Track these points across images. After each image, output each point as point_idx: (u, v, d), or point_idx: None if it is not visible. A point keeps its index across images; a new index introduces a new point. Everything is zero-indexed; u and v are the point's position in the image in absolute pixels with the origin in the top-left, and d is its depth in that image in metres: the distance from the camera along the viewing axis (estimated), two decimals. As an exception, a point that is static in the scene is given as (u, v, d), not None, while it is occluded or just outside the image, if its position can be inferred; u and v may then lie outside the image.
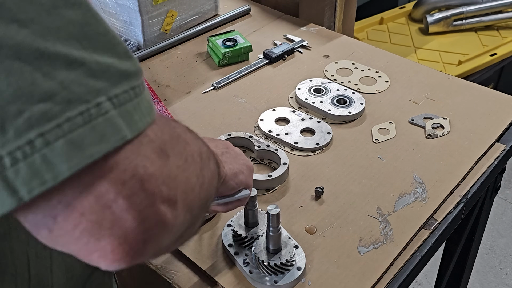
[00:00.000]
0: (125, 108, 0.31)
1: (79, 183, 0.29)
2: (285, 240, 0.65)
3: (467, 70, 1.76)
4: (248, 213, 0.67)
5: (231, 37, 1.08)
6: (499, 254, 1.76)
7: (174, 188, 0.34)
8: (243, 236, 0.67)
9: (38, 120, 0.27)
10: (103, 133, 0.29)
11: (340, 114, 0.90)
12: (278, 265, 0.63)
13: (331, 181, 0.78)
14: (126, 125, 0.30)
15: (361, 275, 0.65)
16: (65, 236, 0.30)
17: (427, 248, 0.69)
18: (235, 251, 0.67)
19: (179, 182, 0.34)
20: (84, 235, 0.30)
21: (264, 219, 0.67)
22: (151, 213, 0.31)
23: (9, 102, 0.27)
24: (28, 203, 0.28)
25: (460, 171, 0.79)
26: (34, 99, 0.27)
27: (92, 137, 0.29)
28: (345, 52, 1.08)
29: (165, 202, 0.32)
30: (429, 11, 2.00)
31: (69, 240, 0.30)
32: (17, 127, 0.27)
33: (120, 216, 0.30)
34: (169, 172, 0.33)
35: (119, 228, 0.30)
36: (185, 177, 0.35)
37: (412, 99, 0.94)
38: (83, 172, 0.29)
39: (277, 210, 0.60)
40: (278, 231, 0.62)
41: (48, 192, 0.28)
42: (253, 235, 0.67)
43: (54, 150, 0.28)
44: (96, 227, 0.30)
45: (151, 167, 0.32)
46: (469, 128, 0.87)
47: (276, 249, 0.64)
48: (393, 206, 0.73)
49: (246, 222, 0.68)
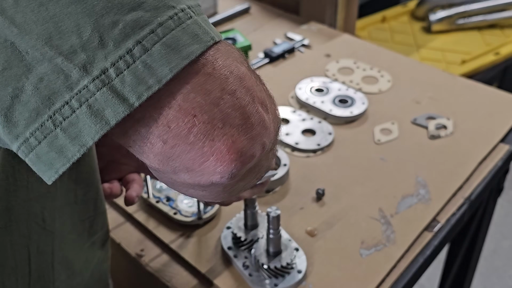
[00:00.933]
0: (203, 17, 0.32)
1: (185, 84, 0.30)
2: (285, 243, 0.63)
3: (470, 69, 1.75)
4: (247, 215, 0.66)
5: (230, 35, 1.07)
6: (503, 257, 1.75)
7: (262, 92, 0.34)
8: (242, 238, 0.66)
9: (133, 28, 0.28)
10: (194, 33, 0.30)
11: (342, 114, 0.89)
12: (279, 268, 0.62)
13: (333, 183, 0.77)
14: (210, 29, 0.31)
15: (363, 278, 0.64)
16: (179, 145, 0.30)
17: (430, 250, 0.68)
18: (234, 253, 0.65)
19: (262, 90, 0.35)
20: (198, 138, 0.30)
21: (264, 221, 0.66)
22: (253, 111, 0.32)
23: (102, 15, 0.28)
24: (140, 117, 0.29)
25: (464, 172, 0.78)
26: (125, 9, 0.28)
27: (186, 38, 0.29)
28: (346, 51, 1.07)
29: (260, 102, 0.33)
30: (432, 9, 1.99)
31: (184, 149, 0.30)
32: (114, 38, 0.28)
33: (228, 113, 0.30)
34: (256, 76, 0.34)
35: (230, 125, 0.31)
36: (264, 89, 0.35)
37: (414, 99, 0.93)
38: (185, 72, 0.29)
39: (277, 212, 0.59)
40: (278, 233, 0.61)
41: (157, 99, 0.29)
42: (253, 238, 0.66)
43: (152, 55, 0.29)
44: (209, 127, 0.30)
45: (242, 67, 0.32)
46: (473, 128, 0.86)
47: (276, 252, 0.62)
48: (395, 208, 0.72)
49: (246, 224, 0.67)
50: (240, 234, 0.66)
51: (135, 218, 0.72)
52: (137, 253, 0.68)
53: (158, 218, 0.72)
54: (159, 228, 0.71)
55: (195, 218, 0.70)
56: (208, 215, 0.70)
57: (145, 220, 0.72)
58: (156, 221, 0.72)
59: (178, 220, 0.70)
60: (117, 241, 0.70)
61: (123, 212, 0.74)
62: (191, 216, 0.70)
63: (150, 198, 0.73)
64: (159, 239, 0.70)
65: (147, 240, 0.70)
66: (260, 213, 0.67)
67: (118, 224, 0.72)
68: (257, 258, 0.62)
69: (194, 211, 0.71)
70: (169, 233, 0.70)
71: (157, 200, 0.73)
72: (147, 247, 0.69)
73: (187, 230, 0.70)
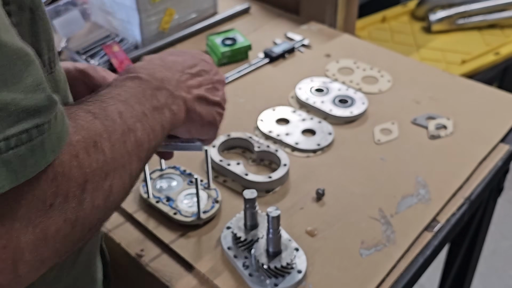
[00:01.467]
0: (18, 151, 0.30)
1: None
2: (285, 243, 0.63)
3: (470, 69, 1.75)
4: (247, 215, 0.66)
5: (230, 35, 1.07)
6: (503, 257, 1.75)
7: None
8: (242, 238, 0.65)
9: None
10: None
11: (342, 114, 0.88)
12: (279, 268, 0.62)
13: (333, 183, 0.77)
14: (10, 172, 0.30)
15: (363, 278, 0.64)
16: None
17: (430, 250, 0.68)
18: (234, 253, 0.65)
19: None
20: None
21: (264, 221, 0.66)
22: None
23: None
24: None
25: (464, 172, 0.78)
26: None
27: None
28: (346, 51, 1.07)
29: None
30: (432, 9, 1.99)
31: None
32: None
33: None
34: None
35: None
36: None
37: (414, 99, 0.93)
38: None
39: (277, 212, 0.59)
40: (278, 233, 0.61)
41: None
42: (253, 238, 0.65)
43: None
44: None
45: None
46: (473, 128, 0.86)
47: (276, 252, 0.62)
48: (395, 208, 0.72)
49: (246, 224, 0.67)
50: (240, 234, 0.66)
51: (135, 218, 0.72)
52: (137, 253, 0.68)
53: (158, 218, 0.72)
54: (159, 228, 0.71)
55: (195, 218, 0.70)
56: (208, 215, 0.70)
57: (145, 220, 0.72)
58: (156, 221, 0.72)
59: (178, 220, 0.70)
60: (117, 241, 0.70)
61: (123, 212, 0.74)
62: (191, 216, 0.70)
63: (150, 198, 0.73)
64: (159, 239, 0.70)
65: (147, 240, 0.70)
66: (260, 213, 0.67)
67: (118, 224, 0.72)
68: (257, 258, 0.62)
69: (194, 211, 0.71)
70: (169, 233, 0.70)
71: (157, 200, 0.73)
72: (147, 247, 0.69)
73: (187, 230, 0.70)
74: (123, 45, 1.10)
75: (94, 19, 1.17)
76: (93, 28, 1.15)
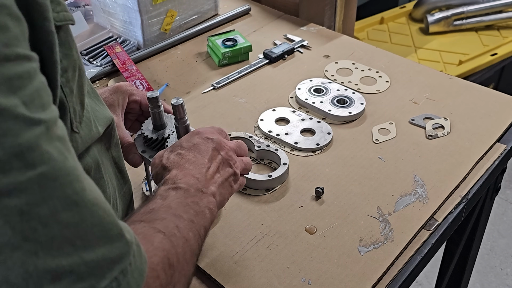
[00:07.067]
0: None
1: None
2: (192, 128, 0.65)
3: (467, 70, 1.76)
4: (153, 115, 0.67)
5: (231, 37, 1.08)
6: (499, 255, 1.76)
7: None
8: (154, 138, 0.67)
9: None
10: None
11: (340, 114, 0.90)
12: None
13: (331, 181, 0.78)
14: None
15: (362, 275, 0.65)
16: None
17: (428, 248, 0.69)
18: (149, 155, 0.67)
19: None
20: None
21: (171, 122, 0.68)
22: None
23: None
24: None
25: (461, 172, 0.79)
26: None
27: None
28: (345, 52, 1.08)
29: None
30: (430, 10, 2.00)
31: None
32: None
33: None
34: None
35: None
36: None
37: (412, 99, 0.94)
38: None
39: (180, 100, 0.62)
40: (186, 122, 0.64)
41: None
42: (163, 136, 0.67)
43: None
44: None
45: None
46: (470, 128, 0.87)
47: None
48: (393, 207, 0.73)
49: (155, 125, 0.68)
50: (151, 136, 0.67)
51: (137, 217, 0.73)
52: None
53: (160, 217, 0.73)
54: (161, 226, 0.72)
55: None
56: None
57: (148, 219, 0.73)
58: (158, 220, 0.73)
59: (179, 218, 0.71)
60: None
61: (125, 210, 0.75)
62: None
63: (152, 195, 0.74)
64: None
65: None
66: (166, 115, 0.69)
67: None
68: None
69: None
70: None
71: (159, 199, 0.74)
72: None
73: (189, 228, 0.71)
74: (125, 46, 1.11)
75: (96, 21, 1.18)
76: (95, 29, 1.16)
